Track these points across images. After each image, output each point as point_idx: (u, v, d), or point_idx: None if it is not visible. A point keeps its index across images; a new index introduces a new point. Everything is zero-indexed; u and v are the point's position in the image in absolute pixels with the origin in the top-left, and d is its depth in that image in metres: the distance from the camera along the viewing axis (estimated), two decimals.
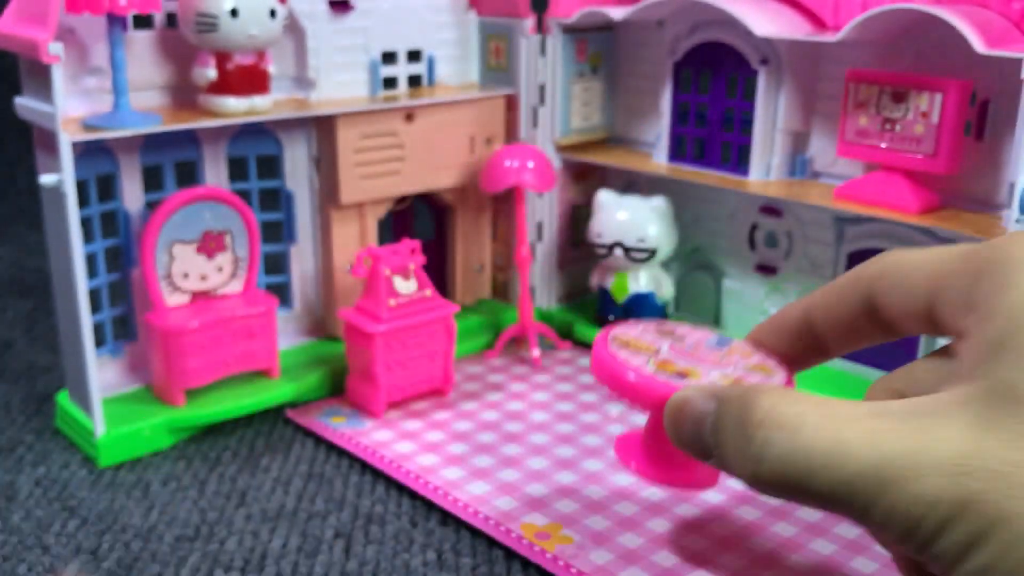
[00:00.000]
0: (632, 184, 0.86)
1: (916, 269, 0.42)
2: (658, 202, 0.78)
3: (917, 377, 0.45)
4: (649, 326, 0.54)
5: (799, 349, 0.49)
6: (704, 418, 0.42)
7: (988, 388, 0.35)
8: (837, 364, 0.73)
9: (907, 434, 0.35)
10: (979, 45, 0.58)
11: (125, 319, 0.71)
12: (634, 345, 0.51)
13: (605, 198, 0.80)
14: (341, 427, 0.68)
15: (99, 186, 0.66)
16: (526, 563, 0.53)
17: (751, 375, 0.49)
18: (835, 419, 0.37)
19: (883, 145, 0.66)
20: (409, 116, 0.75)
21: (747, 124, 0.74)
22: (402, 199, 0.79)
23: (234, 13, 0.62)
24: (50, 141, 0.58)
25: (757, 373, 0.50)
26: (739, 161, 0.75)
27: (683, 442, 0.44)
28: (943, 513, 0.34)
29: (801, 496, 0.38)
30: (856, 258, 0.72)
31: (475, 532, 0.56)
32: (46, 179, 0.58)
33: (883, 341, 0.47)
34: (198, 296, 0.69)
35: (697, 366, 0.49)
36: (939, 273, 0.41)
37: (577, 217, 0.87)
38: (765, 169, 0.74)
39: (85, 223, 0.64)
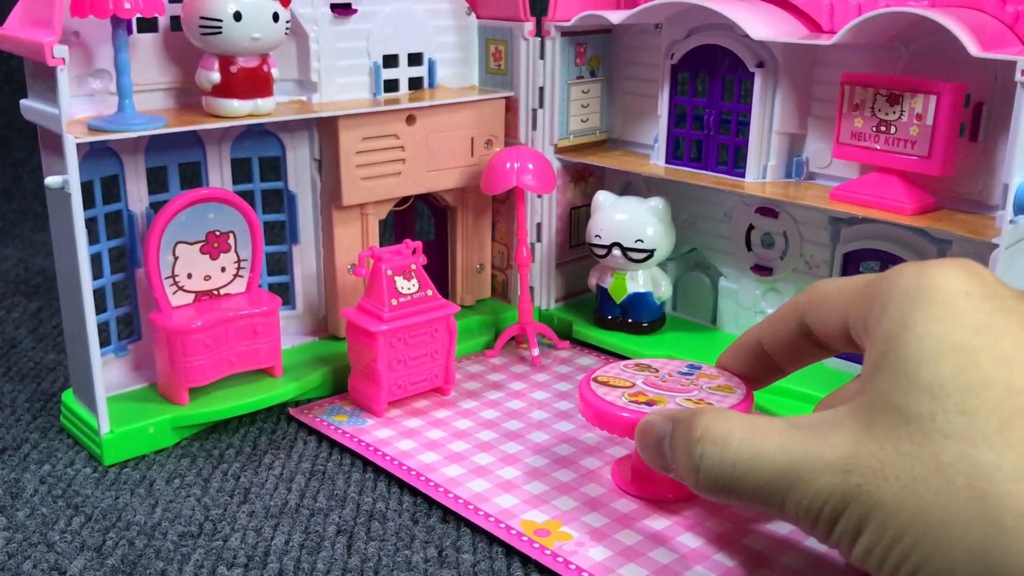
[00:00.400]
0: (630, 185, 0.87)
1: (834, 297, 0.49)
2: (656, 203, 0.79)
3: (844, 392, 0.52)
4: (629, 363, 0.62)
5: (757, 369, 0.58)
6: (663, 438, 0.50)
7: (870, 399, 0.41)
8: (833, 363, 0.74)
9: (810, 442, 0.42)
10: (973, 48, 0.58)
11: (130, 318, 0.72)
12: (613, 383, 0.58)
13: (604, 199, 0.81)
14: (343, 425, 0.68)
15: (104, 187, 0.67)
16: (526, 559, 0.54)
17: (713, 396, 0.56)
18: (757, 433, 0.44)
19: (878, 147, 0.66)
20: (410, 118, 0.76)
21: (743, 126, 0.74)
22: (403, 200, 0.80)
23: (237, 17, 0.63)
24: (55, 143, 0.59)
25: (719, 394, 0.57)
26: (736, 163, 0.76)
27: (649, 460, 0.52)
28: (834, 505, 0.40)
29: (732, 498, 0.45)
30: (851, 258, 0.72)
31: (475, 529, 0.57)
32: (51, 180, 0.58)
33: (824, 358, 0.55)
34: (202, 296, 0.70)
35: (665, 394, 0.56)
36: (848, 301, 0.48)
37: (576, 218, 0.88)
38: (761, 171, 0.74)
39: (90, 224, 0.65)
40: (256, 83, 0.66)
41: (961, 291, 0.41)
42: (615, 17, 0.77)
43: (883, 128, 0.66)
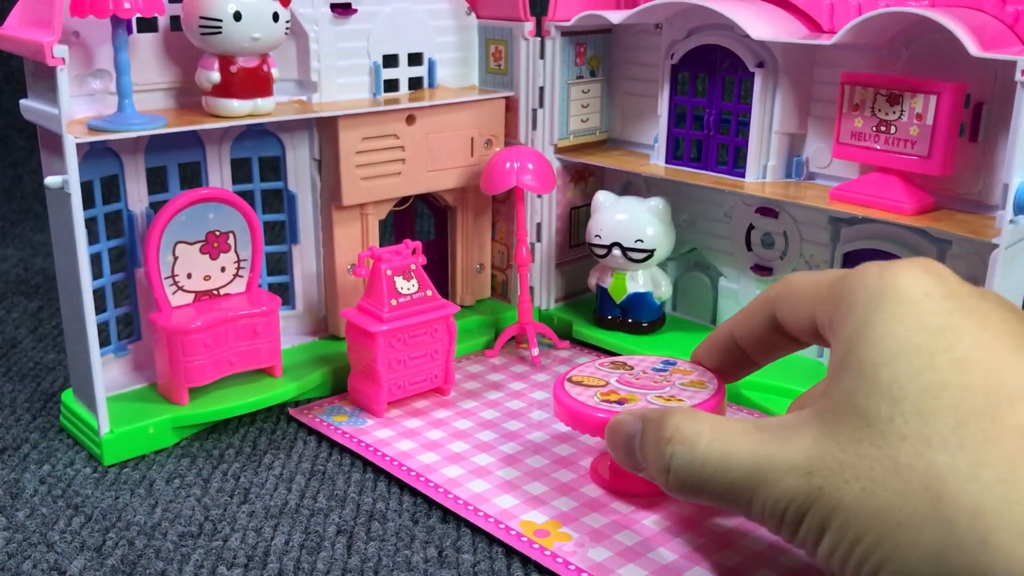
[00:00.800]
0: (630, 185, 0.87)
1: (803, 293, 0.50)
2: (656, 203, 0.79)
3: (814, 392, 0.53)
4: (604, 362, 0.63)
5: (730, 363, 0.58)
6: (633, 437, 0.50)
7: (832, 401, 0.42)
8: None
9: (775, 444, 0.43)
10: (973, 48, 0.58)
11: (129, 318, 0.72)
12: (587, 382, 0.59)
13: (603, 199, 0.81)
14: (343, 425, 0.68)
15: (104, 187, 0.67)
16: (525, 560, 0.54)
17: (685, 392, 0.57)
18: (725, 434, 0.45)
19: (878, 147, 0.66)
20: (410, 118, 0.76)
21: (743, 126, 0.74)
22: (403, 200, 0.80)
23: (237, 16, 0.63)
24: (55, 143, 0.59)
25: (691, 389, 0.58)
26: (736, 163, 0.76)
27: (619, 459, 0.52)
28: (798, 507, 0.41)
29: (702, 497, 0.46)
30: (851, 258, 0.72)
31: (475, 529, 0.57)
32: (51, 180, 0.58)
33: (796, 351, 0.56)
34: (202, 296, 0.70)
35: (637, 392, 0.57)
36: (816, 298, 0.48)
37: (576, 218, 0.88)
38: (761, 171, 0.74)
39: (90, 224, 0.65)
40: (256, 83, 0.66)
41: (922, 292, 0.42)
42: (615, 17, 0.77)
43: (883, 128, 0.66)
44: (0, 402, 0.73)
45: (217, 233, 0.69)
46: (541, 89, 0.81)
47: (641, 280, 0.81)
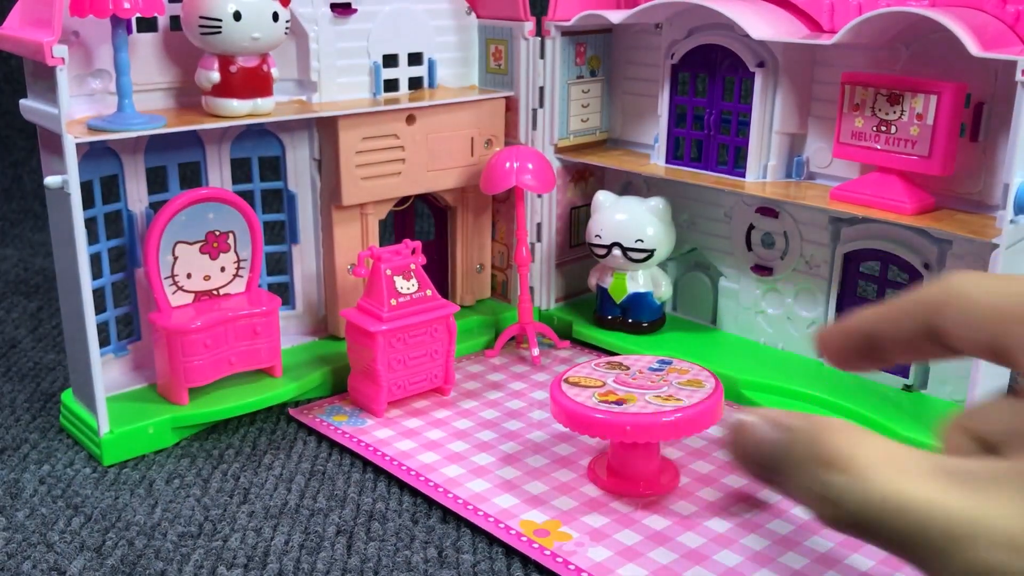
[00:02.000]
0: (630, 185, 0.87)
1: (982, 303, 0.44)
2: (656, 203, 0.79)
3: (991, 418, 0.46)
4: (600, 362, 0.63)
5: (858, 358, 0.52)
6: (767, 446, 0.45)
7: None
8: None
9: (967, 499, 0.35)
10: (974, 48, 0.58)
11: (129, 319, 0.72)
12: (584, 383, 0.59)
13: (604, 199, 0.81)
14: (343, 425, 0.68)
15: (103, 187, 0.67)
16: (525, 560, 0.54)
17: (683, 391, 0.58)
18: (903, 472, 0.39)
19: (879, 147, 0.66)
20: (410, 118, 0.76)
21: (744, 126, 0.74)
22: (403, 200, 0.80)
23: (237, 16, 0.63)
24: (55, 143, 0.59)
25: (688, 388, 0.58)
26: (736, 163, 0.76)
27: (745, 467, 0.47)
28: None
29: (865, 539, 0.41)
30: (852, 259, 0.72)
31: (475, 529, 0.57)
32: (51, 180, 0.58)
33: (947, 360, 0.50)
34: (201, 296, 0.70)
35: (635, 391, 0.58)
36: (1004, 312, 0.42)
37: (576, 218, 0.88)
38: (762, 170, 0.74)
39: (90, 224, 0.65)
40: (256, 83, 0.66)
41: None
42: (615, 17, 0.77)
43: (883, 128, 0.66)
44: (0, 402, 0.73)
45: (217, 233, 0.69)
46: (541, 89, 0.81)
47: (641, 280, 0.81)
